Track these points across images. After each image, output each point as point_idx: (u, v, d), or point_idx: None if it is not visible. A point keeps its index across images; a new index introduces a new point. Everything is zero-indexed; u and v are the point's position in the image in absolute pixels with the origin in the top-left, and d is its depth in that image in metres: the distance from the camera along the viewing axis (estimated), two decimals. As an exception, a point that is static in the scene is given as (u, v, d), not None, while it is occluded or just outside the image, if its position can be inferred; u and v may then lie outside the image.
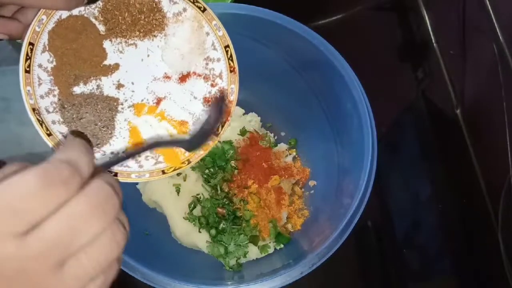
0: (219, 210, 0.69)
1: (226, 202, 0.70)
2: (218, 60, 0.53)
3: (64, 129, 0.47)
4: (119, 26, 0.50)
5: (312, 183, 0.75)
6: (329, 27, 0.91)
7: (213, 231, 0.69)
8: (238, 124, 0.75)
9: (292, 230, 0.72)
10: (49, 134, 0.45)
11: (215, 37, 0.52)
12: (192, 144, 0.48)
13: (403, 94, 0.90)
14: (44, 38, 0.47)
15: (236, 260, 0.69)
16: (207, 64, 0.53)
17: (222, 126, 0.51)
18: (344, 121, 0.67)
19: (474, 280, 0.80)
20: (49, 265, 0.28)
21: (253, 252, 0.69)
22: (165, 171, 0.49)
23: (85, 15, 0.49)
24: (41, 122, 0.45)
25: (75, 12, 0.48)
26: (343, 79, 0.62)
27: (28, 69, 0.46)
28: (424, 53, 0.91)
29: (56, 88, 0.47)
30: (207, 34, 0.52)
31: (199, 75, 0.53)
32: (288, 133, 0.79)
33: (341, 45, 0.63)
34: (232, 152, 0.72)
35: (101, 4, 0.49)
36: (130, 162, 0.48)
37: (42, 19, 0.46)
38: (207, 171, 0.72)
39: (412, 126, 0.88)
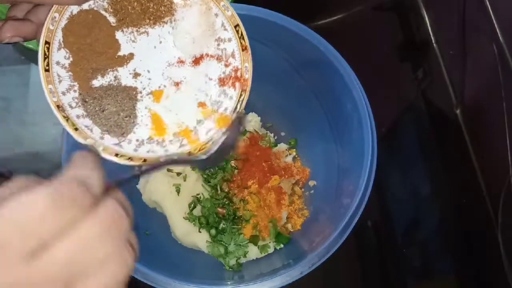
0: (219, 210, 0.69)
1: (226, 202, 0.70)
2: (229, 40, 0.52)
3: (89, 122, 0.47)
4: (129, 16, 0.50)
5: (312, 183, 0.75)
6: (329, 27, 0.91)
7: (213, 231, 0.69)
8: (238, 124, 0.75)
9: (292, 230, 0.72)
10: (76, 129, 0.46)
11: (224, 18, 0.52)
12: (208, 162, 0.47)
13: (403, 94, 0.90)
14: (59, 36, 0.47)
15: (236, 260, 0.69)
16: (218, 44, 0.53)
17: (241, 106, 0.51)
18: (344, 121, 0.67)
19: (473, 280, 0.80)
20: None
21: (253, 252, 0.69)
22: (191, 152, 0.49)
23: (95, 8, 0.49)
24: (66, 118, 0.46)
25: (85, 6, 0.49)
26: (343, 79, 0.62)
27: (47, 67, 0.46)
28: (424, 53, 0.91)
29: (76, 83, 0.48)
30: (216, 15, 0.52)
31: (212, 56, 0.53)
32: (288, 133, 0.79)
33: (341, 45, 0.63)
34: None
35: None
36: (156, 148, 0.49)
37: (55, 17, 0.46)
38: (207, 171, 0.72)
39: (412, 126, 0.88)
